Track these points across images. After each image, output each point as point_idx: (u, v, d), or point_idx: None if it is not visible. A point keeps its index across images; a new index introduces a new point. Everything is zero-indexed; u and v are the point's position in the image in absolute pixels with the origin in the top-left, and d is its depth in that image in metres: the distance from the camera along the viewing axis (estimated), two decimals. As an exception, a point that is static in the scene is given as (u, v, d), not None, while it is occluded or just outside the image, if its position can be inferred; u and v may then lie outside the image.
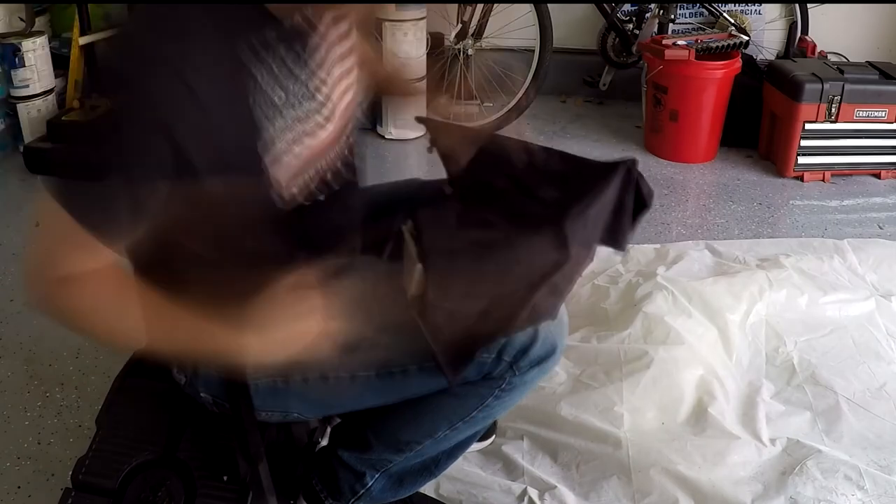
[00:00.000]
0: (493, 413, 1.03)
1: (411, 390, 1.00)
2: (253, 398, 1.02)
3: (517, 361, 0.94)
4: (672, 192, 2.67)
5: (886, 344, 1.82)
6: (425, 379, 0.97)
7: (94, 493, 1.09)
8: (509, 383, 0.97)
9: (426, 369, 0.96)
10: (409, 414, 1.05)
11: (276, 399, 1.03)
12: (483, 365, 0.95)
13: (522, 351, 0.94)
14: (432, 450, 1.10)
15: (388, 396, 1.02)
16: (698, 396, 1.61)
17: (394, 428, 1.08)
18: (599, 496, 1.41)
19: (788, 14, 3.22)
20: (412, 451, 1.09)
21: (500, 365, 0.94)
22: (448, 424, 1.04)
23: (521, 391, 1.00)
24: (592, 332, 1.79)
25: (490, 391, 0.98)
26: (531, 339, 0.93)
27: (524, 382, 0.98)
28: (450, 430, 1.04)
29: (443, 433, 1.05)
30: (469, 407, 1.01)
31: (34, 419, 1.61)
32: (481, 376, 0.96)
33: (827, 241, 2.28)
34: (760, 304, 1.87)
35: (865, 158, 2.76)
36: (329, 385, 0.99)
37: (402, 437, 1.08)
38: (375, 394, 1.01)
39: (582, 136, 3.12)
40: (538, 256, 0.92)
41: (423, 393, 1.00)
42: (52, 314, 0.84)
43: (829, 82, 2.61)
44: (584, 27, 3.37)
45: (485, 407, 1.00)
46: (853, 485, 1.42)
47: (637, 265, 2.10)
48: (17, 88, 2.78)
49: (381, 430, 1.10)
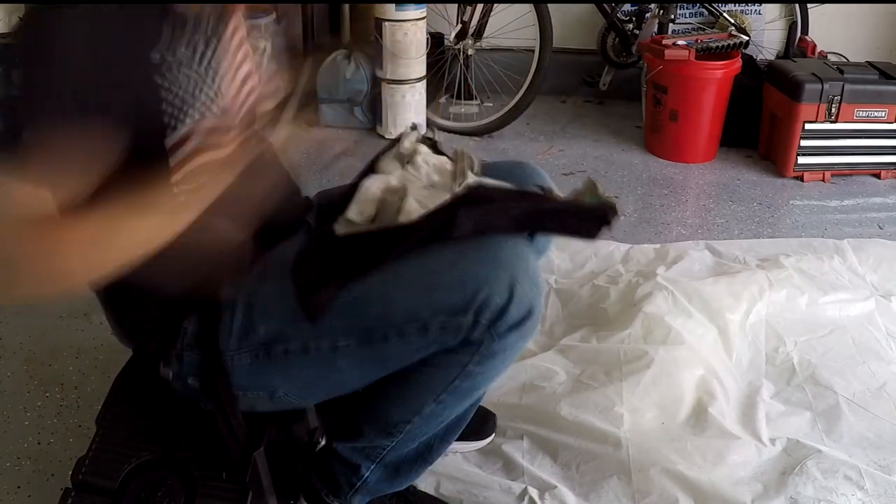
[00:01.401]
0: (476, 383, 1.04)
1: (393, 361, 1.01)
2: (235, 376, 1.03)
3: (494, 324, 0.95)
4: (672, 192, 2.67)
5: (886, 344, 1.82)
6: (405, 346, 0.98)
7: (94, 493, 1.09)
8: (488, 347, 0.97)
9: (405, 335, 0.97)
10: (394, 392, 1.06)
11: (260, 376, 1.03)
12: (460, 329, 0.96)
13: (499, 311, 0.94)
14: (422, 430, 1.10)
15: (371, 370, 1.03)
16: (698, 396, 1.61)
17: (382, 408, 1.09)
18: (599, 496, 1.41)
19: (788, 14, 3.22)
20: (403, 433, 1.09)
21: (478, 328, 0.95)
22: (433, 397, 1.04)
23: (503, 358, 1.00)
24: (592, 332, 1.80)
25: (469, 357, 0.99)
26: (507, 299, 0.94)
27: (504, 348, 0.98)
28: (436, 403, 1.05)
29: (429, 407, 1.05)
30: (451, 375, 1.01)
31: (34, 419, 1.61)
32: (459, 340, 0.97)
33: (827, 241, 2.28)
34: (760, 304, 1.87)
35: (865, 158, 2.76)
36: (311, 357, 1.00)
37: (390, 416, 1.08)
38: (358, 367, 1.02)
39: (582, 136, 3.12)
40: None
41: (405, 364, 1.01)
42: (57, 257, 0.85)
43: (829, 82, 2.62)
44: (584, 27, 3.38)
45: (467, 374, 1.01)
46: (853, 485, 1.42)
47: (637, 265, 2.10)
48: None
49: (369, 412, 1.11)
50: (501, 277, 0.94)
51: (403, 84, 2.94)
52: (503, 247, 0.98)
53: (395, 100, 2.97)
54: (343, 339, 0.99)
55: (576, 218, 1.05)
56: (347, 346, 0.99)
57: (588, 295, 1.96)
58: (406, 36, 2.89)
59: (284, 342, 1.01)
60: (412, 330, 0.96)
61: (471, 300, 0.94)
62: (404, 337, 0.97)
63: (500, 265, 0.95)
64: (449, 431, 1.17)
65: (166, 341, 1.05)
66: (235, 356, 1.02)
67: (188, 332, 1.04)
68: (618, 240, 2.25)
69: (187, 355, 1.05)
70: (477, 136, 3.08)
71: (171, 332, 1.05)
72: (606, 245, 2.20)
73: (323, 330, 0.99)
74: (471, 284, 0.94)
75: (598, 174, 2.79)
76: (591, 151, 2.98)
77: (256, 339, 1.01)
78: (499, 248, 0.97)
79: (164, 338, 1.05)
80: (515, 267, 0.96)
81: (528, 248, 1.02)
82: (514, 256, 0.97)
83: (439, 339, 0.97)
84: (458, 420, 1.15)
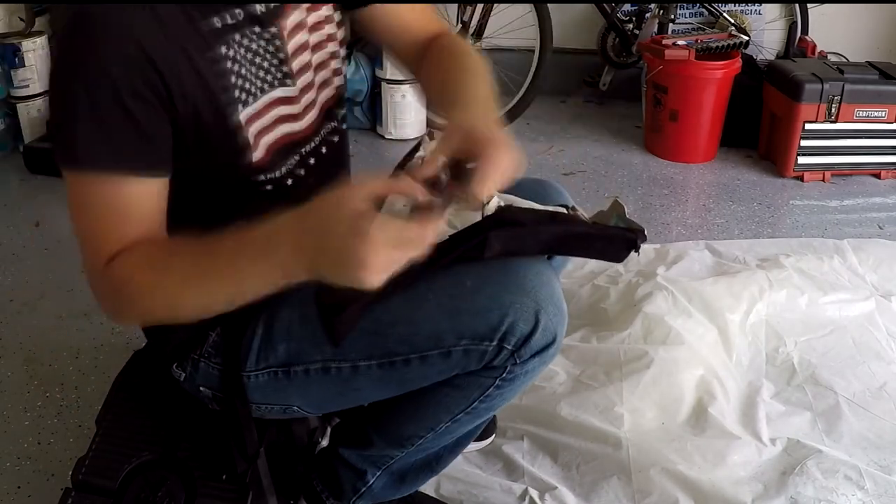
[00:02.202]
0: (493, 405, 1.03)
1: (413, 382, 1.00)
2: (253, 391, 1.02)
3: (518, 350, 0.94)
4: (672, 192, 2.67)
5: (886, 344, 1.82)
6: (427, 369, 0.97)
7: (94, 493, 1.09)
8: (510, 372, 0.97)
9: (427, 359, 0.96)
10: (410, 407, 1.05)
11: (277, 392, 1.02)
12: (484, 355, 0.95)
13: (523, 339, 0.94)
14: (433, 444, 1.10)
15: (389, 389, 1.02)
16: (698, 396, 1.61)
17: (395, 422, 1.08)
18: (600, 496, 1.40)
19: (788, 14, 3.22)
20: (413, 446, 1.08)
21: (502, 353, 0.95)
22: (450, 416, 1.04)
23: (522, 381, 1.00)
24: (592, 332, 1.79)
25: (491, 381, 0.98)
26: (532, 327, 0.93)
27: (525, 372, 0.98)
28: (452, 422, 1.04)
29: (444, 426, 1.05)
30: (470, 398, 1.01)
31: (34, 419, 1.61)
32: (482, 365, 0.96)
33: (827, 241, 2.28)
34: (760, 304, 1.87)
35: (865, 158, 2.76)
36: (330, 377, 0.99)
37: (403, 431, 1.07)
38: (377, 386, 1.01)
39: (582, 136, 3.12)
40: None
41: (424, 385, 1.00)
42: (117, 297, 0.86)
43: (829, 82, 2.61)
44: (584, 27, 3.37)
45: (486, 397, 1.00)
46: (853, 485, 1.42)
47: (637, 265, 2.10)
48: (17, 88, 2.78)
49: (382, 425, 1.10)
50: (527, 304, 0.93)
51: (403, 84, 2.94)
52: (528, 272, 0.96)
53: (395, 100, 2.97)
54: (364, 361, 0.98)
55: (603, 241, 1.03)
56: (368, 367, 0.98)
57: (588, 295, 1.96)
58: (406, 36, 2.88)
59: (304, 363, 0.99)
60: (435, 354, 0.95)
61: (496, 327, 0.93)
62: (426, 360, 0.96)
63: (526, 292, 0.94)
64: (458, 444, 1.16)
65: (187, 344, 1.04)
66: (253, 375, 1.01)
67: (211, 343, 1.03)
68: (618, 240, 2.25)
69: (204, 364, 1.04)
70: (477, 136, 3.08)
71: (195, 337, 1.03)
72: (606, 245, 2.20)
73: (345, 352, 0.97)
74: (496, 311, 0.93)
75: (598, 174, 2.79)
76: (591, 151, 2.98)
77: (276, 358, 1.00)
78: (524, 274, 0.96)
79: (186, 340, 1.04)
80: (541, 293, 0.94)
81: (552, 273, 1.00)
82: (539, 283, 0.95)
83: (461, 363, 0.96)
84: (468, 434, 1.14)
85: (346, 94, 1.12)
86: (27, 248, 2.25)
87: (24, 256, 2.21)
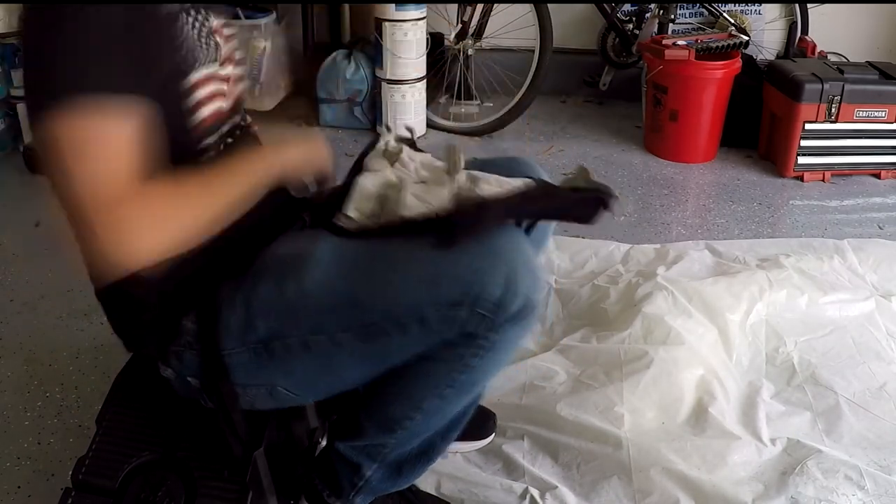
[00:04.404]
0: (476, 378, 1.04)
1: (394, 356, 1.01)
2: (235, 370, 1.03)
3: (493, 316, 0.95)
4: (672, 192, 2.67)
5: (886, 344, 1.82)
6: (405, 340, 0.98)
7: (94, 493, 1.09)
8: (488, 340, 0.98)
9: (404, 327, 0.97)
10: (395, 388, 1.07)
11: (259, 370, 1.03)
12: (458, 321, 0.96)
13: (496, 304, 0.94)
14: (424, 427, 1.11)
15: (371, 364, 1.04)
16: (698, 396, 1.61)
17: (383, 404, 1.09)
18: (600, 496, 1.41)
19: (788, 14, 3.22)
20: (405, 430, 1.09)
21: (476, 319, 0.95)
22: (434, 391, 1.05)
23: (503, 351, 1.01)
24: (592, 332, 1.80)
25: (469, 349, 0.99)
26: (503, 290, 0.94)
27: (504, 341, 0.99)
28: (437, 398, 1.05)
29: (431, 402, 1.06)
30: (451, 368, 1.02)
31: (34, 419, 1.61)
32: (458, 334, 0.97)
33: (827, 241, 2.28)
34: (760, 304, 1.87)
35: (865, 158, 2.76)
36: (311, 353, 1.00)
37: (392, 412, 1.09)
38: (358, 362, 1.02)
39: (582, 136, 3.12)
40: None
41: (405, 357, 1.01)
42: (130, 229, 0.87)
43: (829, 82, 2.62)
44: (584, 27, 3.37)
45: (468, 368, 1.01)
46: (854, 485, 1.42)
47: (637, 265, 2.10)
48: (17, 88, 2.78)
49: (371, 409, 1.11)
50: (498, 268, 0.95)
51: (403, 84, 2.94)
52: (500, 238, 0.98)
53: (395, 100, 2.97)
54: (342, 332, 0.99)
55: (573, 203, 1.06)
56: (347, 340, 0.99)
57: (588, 295, 1.96)
58: (406, 36, 2.88)
59: (284, 338, 1.01)
60: (411, 322, 0.96)
61: (468, 291, 0.94)
62: (404, 330, 0.97)
63: (497, 257, 0.96)
64: (450, 429, 1.17)
65: (165, 339, 1.05)
66: (234, 353, 1.02)
67: (187, 331, 1.04)
68: (618, 240, 2.25)
69: (187, 354, 1.05)
70: (477, 136, 3.08)
71: (171, 329, 1.05)
72: (606, 245, 2.20)
73: (322, 325, 0.99)
74: (468, 276, 0.95)
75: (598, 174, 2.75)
76: (591, 151, 2.98)
77: (256, 335, 1.01)
78: (497, 241, 0.98)
79: (163, 336, 1.05)
80: (512, 258, 0.96)
81: (525, 240, 1.02)
82: (510, 248, 0.98)
83: (438, 332, 0.97)
84: (458, 417, 1.15)
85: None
86: (27, 248, 2.25)
87: (24, 256, 2.21)
